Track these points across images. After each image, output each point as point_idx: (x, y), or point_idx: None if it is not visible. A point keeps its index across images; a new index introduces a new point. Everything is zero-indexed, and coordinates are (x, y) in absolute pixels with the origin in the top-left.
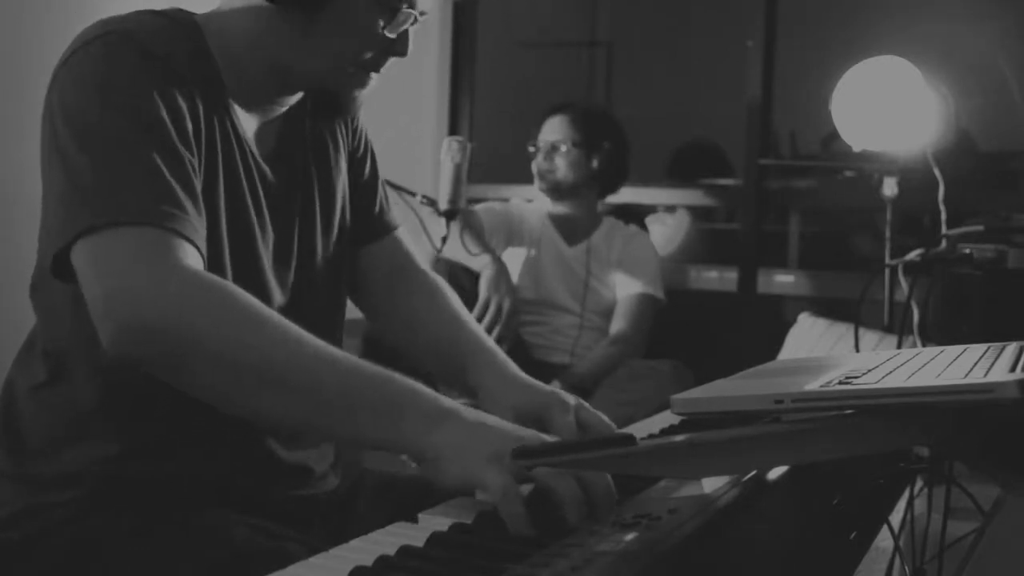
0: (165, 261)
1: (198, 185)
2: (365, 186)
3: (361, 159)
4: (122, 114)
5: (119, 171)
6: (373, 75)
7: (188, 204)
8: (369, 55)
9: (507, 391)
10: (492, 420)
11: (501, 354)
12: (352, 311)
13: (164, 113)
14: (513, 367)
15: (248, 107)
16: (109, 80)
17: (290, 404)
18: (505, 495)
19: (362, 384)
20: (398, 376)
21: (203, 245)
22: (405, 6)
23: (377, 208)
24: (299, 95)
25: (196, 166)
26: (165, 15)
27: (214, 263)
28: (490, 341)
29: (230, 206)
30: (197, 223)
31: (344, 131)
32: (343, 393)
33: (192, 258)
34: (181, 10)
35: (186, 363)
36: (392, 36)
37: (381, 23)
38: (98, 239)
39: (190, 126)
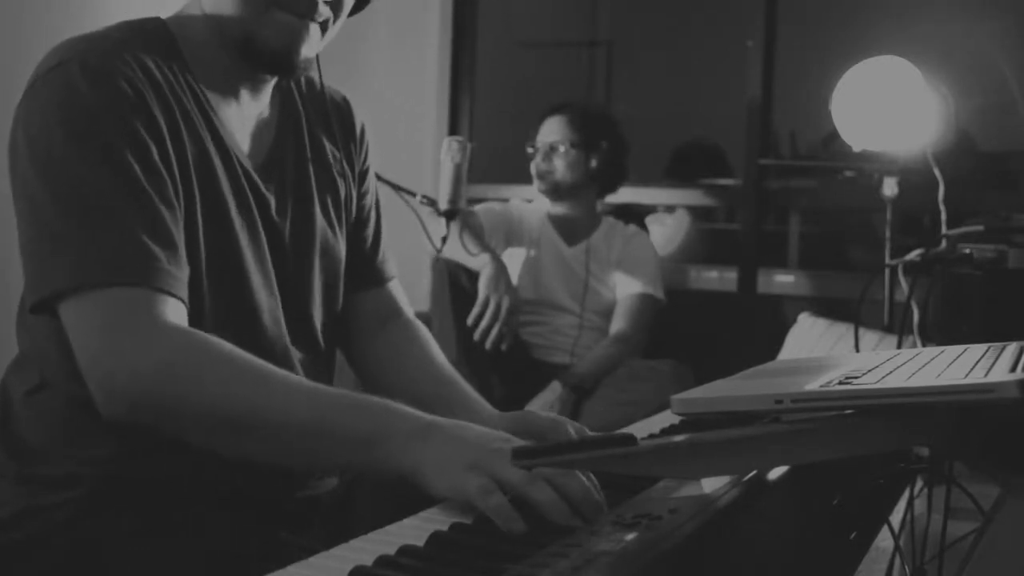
0: (140, 324)
1: (174, 216)
2: (374, 233)
3: (371, 207)
4: (87, 156)
5: (88, 226)
6: (312, 27)
7: (160, 251)
8: None
9: (482, 422)
10: (471, 432)
11: (474, 395)
12: None
13: (131, 145)
14: (485, 405)
15: (227, 103)
16: (70, 115)
17: (275, 446)
18: (485, 493)
19: (339, 415)
20: (375, 400)
21: (181, 288)
22: None
23: (379, 257)
24: (270, 81)
25: (172, 190)
26: (132, 27)
27: (195, 278)
28: (465, 385)
29: (211, 211)
30: (173, 266)
31: (352, 165)
32: (322, 427)
33: (170, 310)
34: (152, 18)
35: (173, 421)
36: None
37: None
38: (74, 303)
39: (168, 142)
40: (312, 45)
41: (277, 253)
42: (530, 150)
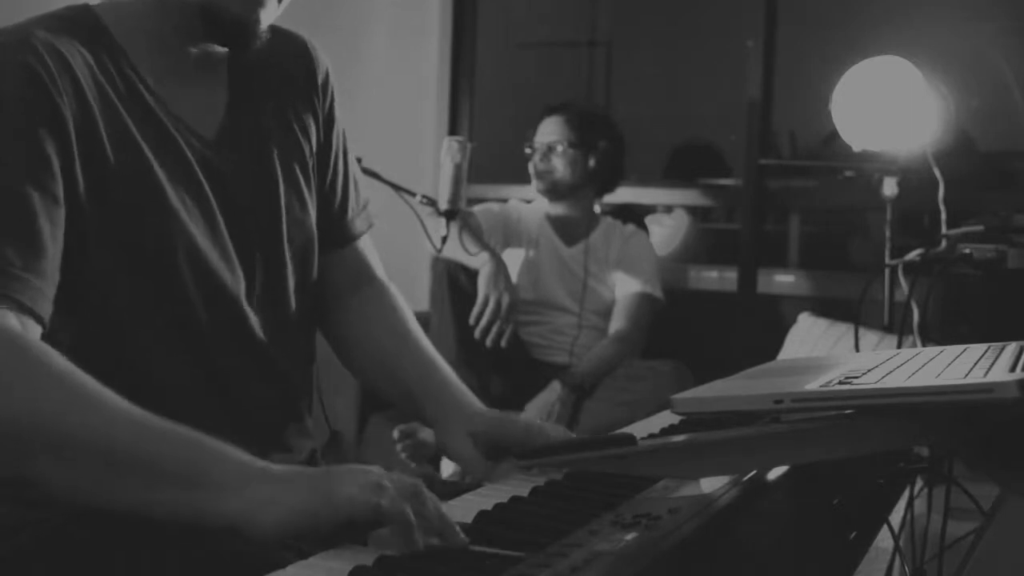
0: None
1: (54, 219)
2: (342, 188)
3: (336, 159)
4: None
5: None
6: None
7: (13, 256)
8: None
9: (462, 421)
10: (301, 472)
11: (453, 379)
12: None
13: (17, 145)
14: (465, 393)
15: (170, 81)
16: None
17: (79, 471)
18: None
19: (161, 447)
20: (207, 440)
21: (26, 292)
22: None
23: (343, 212)
24: (221, 51)
25: (71, 188)
26: (55, 15)
27: (129, 258)
28: (441, 361)
29: (143, 194)
30: (25, 272)
31: (315, 116)
32: (137, 456)
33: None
34: (79, 5)
35: None
36: None
37: None
38: None
39: (72, 136)
40: (270, 12)
41: (235, 224)
42: (528, 151)
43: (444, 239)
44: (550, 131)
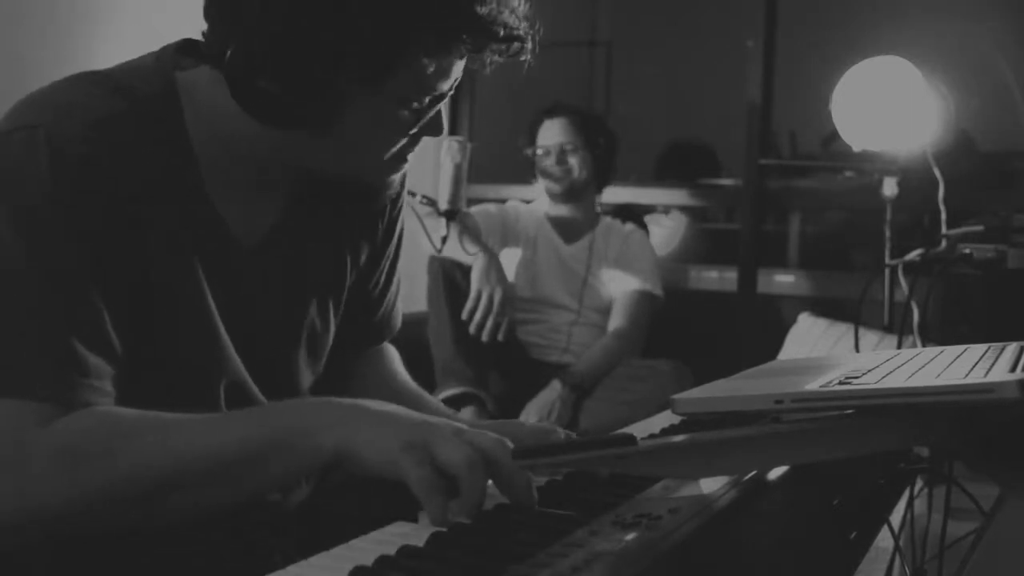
0: (17, 447)
1: (101, 317)
2: (367, 295)
3: (372, 265)
4: (22, 248)
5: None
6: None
7: (58, 360)
8: (399, 147)
9: None
10: (398, 410)
11: (440, 407)
12: None
13: (78, 243)
14: (449, 413)
15: (227, 176)
16: (18, 196)
17: (207, 489)
18: (427, 487)
19: (254, 433)
20: (284, 402)
21: (94, 394)
22: (432, 92)
23: (370, 324)
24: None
25: (122, 286)
26: (119, 88)
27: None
28: (428, 397)
29: (183, 296)
30: (74, 376)
31: (375, 233)
32: (241, 452)
33: (55, 423)
34: (161, 74)
35: (82, 522)
36: (420, 126)
37: (408, 113)
38: None
39: (126, 235)
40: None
41: (255, 332)
42: (532, 155)
43: (444, 239)
44: (557, 133)
